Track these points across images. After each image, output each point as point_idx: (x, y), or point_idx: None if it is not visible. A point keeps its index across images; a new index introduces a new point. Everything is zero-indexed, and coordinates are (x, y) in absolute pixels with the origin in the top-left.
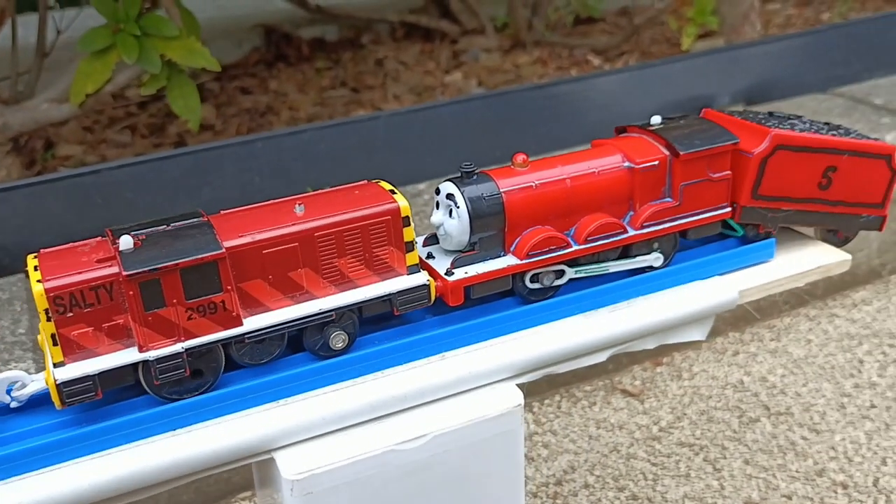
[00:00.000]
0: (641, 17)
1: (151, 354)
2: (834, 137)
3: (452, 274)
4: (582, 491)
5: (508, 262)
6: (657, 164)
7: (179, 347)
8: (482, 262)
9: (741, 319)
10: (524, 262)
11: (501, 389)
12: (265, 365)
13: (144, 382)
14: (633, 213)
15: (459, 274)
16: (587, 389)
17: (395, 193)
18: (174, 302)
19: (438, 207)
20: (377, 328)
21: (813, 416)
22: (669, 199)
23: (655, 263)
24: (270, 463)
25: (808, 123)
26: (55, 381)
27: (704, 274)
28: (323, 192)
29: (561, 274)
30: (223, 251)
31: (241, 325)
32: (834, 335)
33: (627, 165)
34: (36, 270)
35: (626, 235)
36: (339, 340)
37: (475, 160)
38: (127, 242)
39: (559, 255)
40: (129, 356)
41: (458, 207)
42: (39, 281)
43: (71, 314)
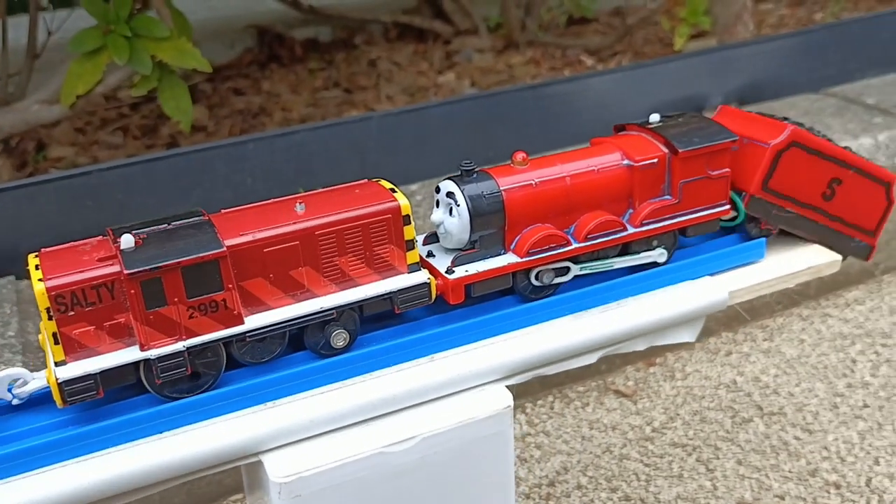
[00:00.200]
0: (634, 17)
1: (153, 353)
2: (844, 150)
3: (453, 272)
4: (575, 492)
5: (509, 260)
6: (656, 161)
7: (181, 346)
8: (482, 260)
9: (734, 319)
10: (524, 259)
11: (491, 391)
12: (266, 363)
13: (146, 381)
14: (632, 210)
15: (460, 272)
16: (580, 390)
17: (395, 192)
18: (175, 300)
19: (438, 206)
20: (378, 327)
21: (806, 415)
22: (669, 196)
23: (659, 259)
24: (258, 466)
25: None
26: (57, 379)
27: (694, 274)
28: (323, 190)
29: (566, 271)
30: (224, 250)
31: (242, 323)
32: (827, 335)
33: (627, 163)
34: (37, 269)
35: (625, 233)
36: (340, 339)
37: (469, 160)
38: (128, 241)
39: (559, 252)
40: (130, 355)
41: (458, 205)
42: (41, 280)
43: (72, 313)
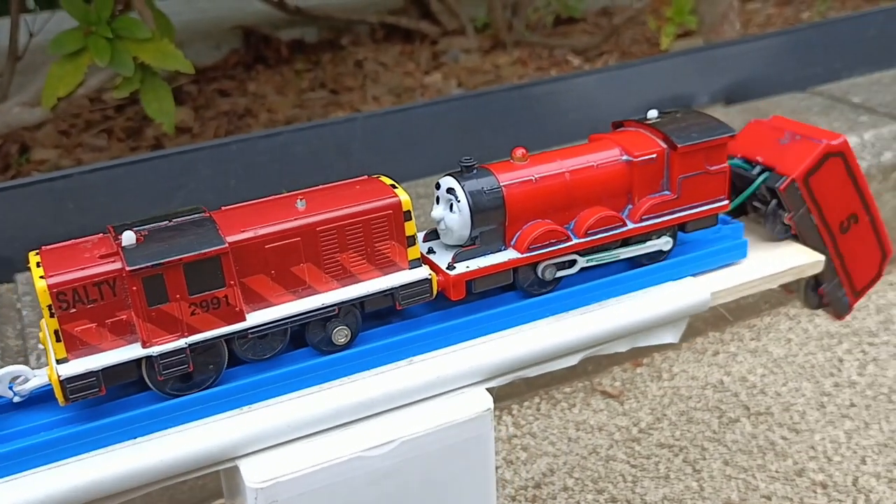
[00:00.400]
0: (621, 17)
1: (155, 350)
2: (870, 190)
3: (454, 268)
4: (561, 494)
5: (509, 255)
6: (655, 157)
7: (183, 343)
8: (483, 256)
9: (721, 319)
10: (525, 255)
11: (471, 394)
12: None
13: (148, 378)
14: (631, 206)
15: (461, 268)
16: (567, 391)
17: (396, 188)
18: (177, 297)
19: (439, 202)
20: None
21: (793, 415)
22: (668, 191)
23: (665, 248)
24: (235, 471)
25: None
26: (59, 377)
27: (676, 275)
28: (324, 187)
29: (572, 263)
30: (226, 246)
31: (243, 320)
32: (814, 334)
33: (626, 159)
34: (38, 266)
35: (625, 228)
36: (341, 335)
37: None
38: (129, 238)
39: (560, 248)
40: (132, 352)
41: (458, 202)
42: (42, 277)
43: (74, 310)
